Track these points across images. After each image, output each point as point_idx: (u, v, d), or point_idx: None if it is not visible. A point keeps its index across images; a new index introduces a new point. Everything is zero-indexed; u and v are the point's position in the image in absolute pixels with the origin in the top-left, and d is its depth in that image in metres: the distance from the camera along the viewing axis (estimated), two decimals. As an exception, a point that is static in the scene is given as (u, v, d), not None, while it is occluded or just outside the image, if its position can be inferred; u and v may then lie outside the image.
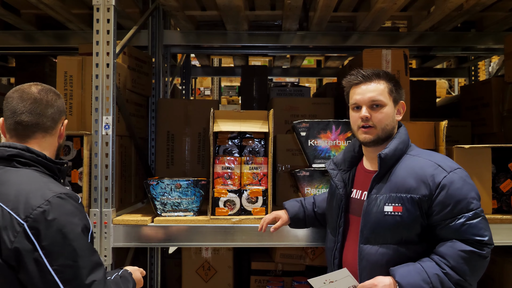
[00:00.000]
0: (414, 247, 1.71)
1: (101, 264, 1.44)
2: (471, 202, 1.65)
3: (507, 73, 3.01)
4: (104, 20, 2.23)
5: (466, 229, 1.64)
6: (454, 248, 1.63)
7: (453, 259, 1.62)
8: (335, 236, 1.89)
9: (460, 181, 1.67)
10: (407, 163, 1.75)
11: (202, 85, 7.92)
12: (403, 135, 1.81)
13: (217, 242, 2.30)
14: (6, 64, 5.10)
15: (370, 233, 1.74)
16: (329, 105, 3.27)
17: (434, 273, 1.61)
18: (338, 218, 1.88)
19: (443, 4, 2.86)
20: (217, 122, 2.38)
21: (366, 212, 1.76)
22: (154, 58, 3.53)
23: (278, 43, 3.63)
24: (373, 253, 1.73)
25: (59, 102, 1.59)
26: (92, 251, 1.44)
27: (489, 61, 6.06)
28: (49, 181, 1.47)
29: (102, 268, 1.44)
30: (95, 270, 1.40)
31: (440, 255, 1.65)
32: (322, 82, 7.01)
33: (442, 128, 2.32)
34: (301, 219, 2.15)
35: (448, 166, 1.70)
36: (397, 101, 1.82)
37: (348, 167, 1.93)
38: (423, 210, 1.68)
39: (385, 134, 1.79)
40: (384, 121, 1.78)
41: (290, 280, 3.43)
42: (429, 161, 1.73)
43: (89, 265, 1.39)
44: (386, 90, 1.79)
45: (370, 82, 1.80)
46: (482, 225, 1.65)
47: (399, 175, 1.73)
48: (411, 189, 1.69)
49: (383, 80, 1.81)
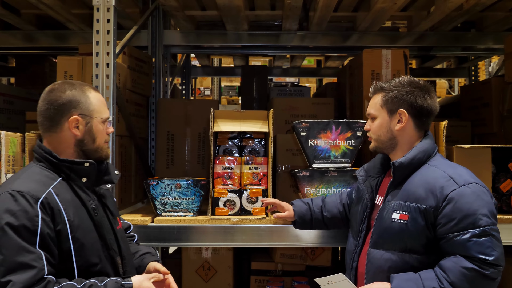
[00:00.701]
0: (419, 257, 1.69)
1: (30, 266, 1.38)
2: (480, 218, 1.61)
3: (507, 73, 3.01)
4: (104, 20, 2.23)
5: (471, 245, 1.60)
6: (457, 264, 1.60)
7: (454, 275, 1.59)
8: (357, 239, 1.90)
9: (472, 196, 1.64)
10: (423, 173, 1.76)
11: (202, 85, 7.92)
12: (426, 144, 1.81)
13: (217, 242, 2.30)
14: (6, 64, 5.10)
15: (378, 238, 1.76)
16: (329, 105, 3.27)
17: (431, 286, 1.60)
18: (361, 222, 1.89)
19: (443, 4, 2.86)
20: (217, 122, 2.38)
21: (378, 217, 1.79)
22: (154, 58, 3.53)
23: (278, 43, 3.62)
24: (378, 258, 1.75)
25: (61, 101, 1.60)
26: (20, 250, 1.38)
27: (489, 61, 6.06)
28: (35, 179, 1.52)
29: (29, 272, 1.37)
30: (17, 271, 1.36)
31: (442, 269, 1.62)
32: (322, 82, 7.01)
33: (442, 128, 2.32)
34: (307, 221, 2.16)
35: (462, 179, 1.68)
36: (393, 110, 1.82)
37: (377, 173, 1.95)
38: (429, 222, 1.67)
39: (381, 144, 1.86)
40: (376, 132, 1.86)
41: (290, 280, 3.43)
42: (443, 172, 1.71)
43: (8, 264, 1.37)
44: (379, 103, 1.85)
45: (373, 97, 1.90)
46: (490, 243, 1.60)
47: (412, 184, 1.74)
48: (420, 199, 1.69)
49: (382, 93, 1.86)
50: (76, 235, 1.52)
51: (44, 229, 1.44)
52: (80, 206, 1.59)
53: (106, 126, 1.70)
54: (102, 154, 1.68)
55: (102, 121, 1.67)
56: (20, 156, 2.18)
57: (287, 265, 3.52)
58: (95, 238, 1.59)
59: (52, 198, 1.50)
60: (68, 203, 1.54)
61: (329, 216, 2.14)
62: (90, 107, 1.63)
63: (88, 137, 1.63)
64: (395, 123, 1.82)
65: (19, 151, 2.18)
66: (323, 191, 2.36)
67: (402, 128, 1.82)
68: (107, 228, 1.65)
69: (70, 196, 1.57)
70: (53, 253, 1.46)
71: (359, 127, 2.39)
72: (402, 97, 1.82)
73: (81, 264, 1.53)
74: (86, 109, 1.62)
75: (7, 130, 2.13)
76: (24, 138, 2.18)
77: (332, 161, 2.37)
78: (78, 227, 1.53)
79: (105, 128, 1.69)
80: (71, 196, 1.57)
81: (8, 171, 2.09)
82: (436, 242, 1.69)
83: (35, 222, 1.43)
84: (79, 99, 1.62)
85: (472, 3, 2.88)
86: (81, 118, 1.61)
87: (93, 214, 1.60)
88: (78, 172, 1.60)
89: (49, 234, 1.45)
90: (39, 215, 1.44)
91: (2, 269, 1.38)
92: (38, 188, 1.49)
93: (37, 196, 1.46)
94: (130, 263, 1.74)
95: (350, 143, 2.38)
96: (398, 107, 1.82)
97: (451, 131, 3.17)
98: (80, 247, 1.53)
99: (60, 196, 1.53)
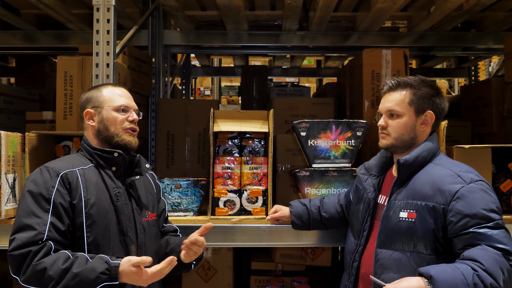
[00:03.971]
0: (428, 257, 1.67)
1: (32, 228, 1.56)
2: (492, 213, 1.61)
3: (507, 73, 3.01)
4: (104, 20, 2.23)
5: (491, 236, 1.58)
6: (487, 251, 1.56)
7: (486, 260, 1.54)
8: (358, 239, 1.89)
9: (480, 192, 1.63)
10: (428, 171, 1.74)
11: (202, 85, 7.91)
12: (430, 144, 1.80)
13: (217, 242, 2.29)
14: (6, 64, 5.10)
15: (386, 238, 1.74)
16: (329, 105, 3.27)
17: (470, 273, 1.52)
18: (364, 222, 1.88)
19: (443, 4, 2.86)
20: (217, 122, 2.38)
21: (385, 216, 1.77)
22: (154, 58, 3.53)
23: (278, 43, 3.63)
24: (387, 258, 1.73)
25: (82, 101, 1.83)
26: (30, 214, 1.58)
27: (489, 61, 6.06)
28: (67, 160, 1.74)
29: (30, 232, 1.55)
30: (21, 231, 1.56)
31: (471, 258, 1.56)
32: (322, 82, 7.01)
33: (442, 128, 2.32)
34: (305, 221, 2.15)
35: (469, 177, 1.67)
36: (421, 111, 1.79)
37: (379, 172, 1.94)
38: (438, 220, 1.65)
39: (401, 143, 1.80)
40: (399, 130, 1.79)
41: (290, 280, 3.43)
42: (450, 171, 1.70)
43: (17, 224, 1.59)
44: (406, 100, 1.79)
45: (393, 92, 1.83)
46: (505, 235, 1.60)
47: (418, 182, 1.73)
48: (427, 197, 1.68)
49: (409, 90, 1.79)
50: (90, 212, 1.65)
51: (58, 198, 1.61)
52: (104, 190, 1.72)
53: (127, 114, 1.80)
54: (119, 140, 1.77)
55: (115, 109, 1.79)
56: (20, 156, 2.18)
57: (287, 265, 3.52)
58: (112, 221, 1.69)
59: (73, 175, 1.67)
60: (90, 184, 1.69)
61: (327, 216, 2.14)
62: (100, 99, 1.80)
63: (101, 125, 1.78)
64: (419, 124, 1.80)
65: (19, 151, 2.18)
66: (323, 191, 2.36)
67: (425, 130, 1.81)
68: (128, 216, 1.74)
69: (95, 179, 1.71)
70: (63, 221, 1.60)
71: (359, 127, 2.39)
72: (431, 98, 1.79)
73: (91, 241, 1.64)
74: (97, 101, 1.80)
75: (7, 130, 2.13)
76: (24, 138, 2.19)
77: (332, 161, 2.37)
78: (93, 205, 1.66)
79: (122, 115, 1.79)
80: (96, 179, 1.72)
81: (8, 171, 2.10)
82: (445, 240, 1.67)
83: (50, 192, 1.61)
84: (92, 95, 1.82)
85: (472, 3, 2.88)
86: (93, 110, 1.79)
87: (115, 199, 1.72)
88: (108, 161, 1.75)
89: (62, 204, 1.61)
90: (55, 186, 1.63)
91: (13, 228, 1.59)
92: (63, 166, 1.69)
93: (58, 171, 1.66)
94: (149, 254, 1.73)
95: (350, 143, 2.38)
96: (427, 108, 1.79)
97: (451, 131, 3.18)
98: (92, 223, 1.65)
99: (84, 176, 1.69)
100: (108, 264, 1.52)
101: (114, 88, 1.84)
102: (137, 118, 1.83)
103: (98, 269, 1.51)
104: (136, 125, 1.84)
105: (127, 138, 1.79)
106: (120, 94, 1.82)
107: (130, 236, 1.72)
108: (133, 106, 1.84)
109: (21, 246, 1.53)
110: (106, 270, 1.51)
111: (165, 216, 2.02)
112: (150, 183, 1.94)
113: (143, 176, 1.87)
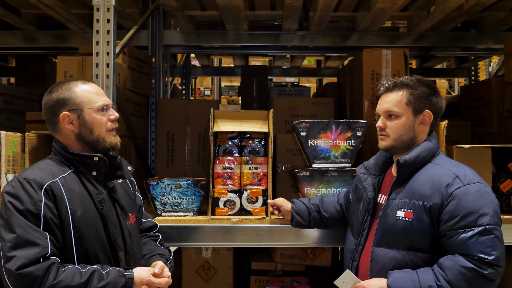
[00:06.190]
0: (424, 255, 1.69)
1: (35, 244, 1.47)
2: (483, 217, 1.60)
3: (507, 73, 3.01)
4: (104, 20, 2.23)
5: (472, 243, 1.58)
6: (455, 262, 1.59)
7: (452, 273, 1.58)
8: (358, 238, 1.89)
9: (475, 194, 1.63)
10: (427, 171, 1.75)
11: (202, 85, 7.91)
12: (430, 143, 1.80)
13: (217, 242, 2.29)
14: (6, 64, 5.11)
15: (382, 236, 1.75)
16: (329, 105, 3.27)
17: (428, 283, 1.59)
18: (363, 221, 1.88)
19: (443, 4, 2.86)
20: (217, 122, 2.38)
21: (382, 215, 1.78)
22: (154, 58, 3.53)
23: (278, 43, 3.63)
24: (382, 256, 1.74)
25: (51, 103, 1.68)
26: (29, 229, 1.48)
27: (489, 61, 6.06)
28: (45, 169, 1.61)
29: (34, 248, 1.46)
30: (22, 247, 1.46)
31: (441, 267, 1.62)
32: (322, 82, 7.01)
33: (442, 128, 2.32)
34: (305, 219, 2.16)
35: (467, 178, 1.67)
36: (419, 110, 1.79)
37: (379, 171, 1.94)
38: (434, 219, 1.66)
39: (401, 144, 1.80)
40: (398, 131, 1.79)
41: (290, 280, 3.43)
42: (449, 171, 1.71)
43: (14, 241, 1.47)
44: (404, 101, 1.79)
45: (390, 93, 1.83)
46: (491, 243, 1.58)
47: (417, 182, 1.73)
48: (425, 197, 1.69)
49: (406, 90, 1.79)
50: (77, 225, 1.58)
51: (47, 213, 1.53)
52: (88, 198, 1.64)
53: (107, 113, 1.71)
54: (105, 144, 1.70)
55: (96, 110, 1.69)
56: (20, 156, 2.18)
57: (287, 265, 3.52)
58: (99, 230, 1.63)
59: (56, 186, 1.57)
60: (74, 194, 1.60)
61: (327, 215, 2.14)
62: (77, 101, 1.67)
63: (84, 129, 1.67)
64: (417, 123, 1.80)
65: (19, 151, 2.18)
66: (323, 191, 2.36)
67: (424, 129, 1.81)
68: (113, 222, 1.68)
69: (78, 187, 1.63)
70: (56, 236, 1.53)
71: (359, 127, 2.39)
72: (428, 97, 1.80)
73: (81, 253, 1.58)
74: (74, 103, 1.67)
75: (7, 130, 2.13)
76: (24, 138, 2.18)
77: (332, 161, 2.37)
78: (80, 218, 1.59)
79: (104, 116, 1.70)
80: (79, 188, 1.63)
81: (8, 171, 2.09)
82: (439, 240, 1.68)
83: (38, 207, 1.52)
84: (65, 96, 1.67)
85: (472, 3, 2.88)
86: (71, 113, 1.66)
87: (99, 207, 1.64)
88: (88, 166, 1.66)
89: (52, 219, 1.53)
90: (42, 200, 1.53)
91: (9, 245, 1.47)
92: (44, 176, 1.58)
93: (41, 183, 1.55)
94: (135, 259, 1.74)
95: (350, 143, 2.38)
96: (424, 107, 1.79)
97: (451, 131, 3.18)
98: (81, 236, 1.58)
99: (66, 186, 1.60)
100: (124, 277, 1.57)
101: (88, 85, 1.72)
102: (118, 116, 1.76)
103: (119, 283, 1.55)
104: (117, 123, 1.77)
105: (113, 140, 1.73)
106: (97, 93, 1.71)
107: (118, 243, 1.67)
108: (110, 102, 1.75)
109: (27, 264, 1.45)
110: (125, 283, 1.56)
111: (142, 211, 1.98)
112: (126, 182, 1.86)
113: (125, 180, 1.81)
